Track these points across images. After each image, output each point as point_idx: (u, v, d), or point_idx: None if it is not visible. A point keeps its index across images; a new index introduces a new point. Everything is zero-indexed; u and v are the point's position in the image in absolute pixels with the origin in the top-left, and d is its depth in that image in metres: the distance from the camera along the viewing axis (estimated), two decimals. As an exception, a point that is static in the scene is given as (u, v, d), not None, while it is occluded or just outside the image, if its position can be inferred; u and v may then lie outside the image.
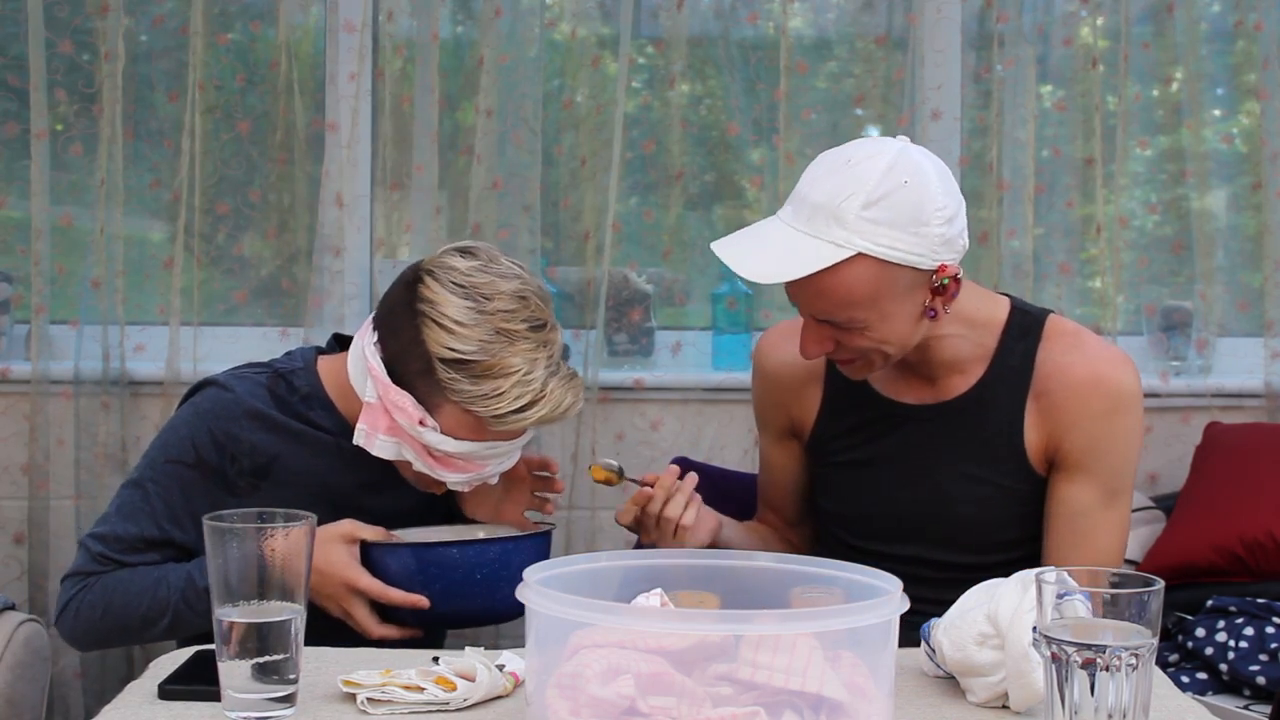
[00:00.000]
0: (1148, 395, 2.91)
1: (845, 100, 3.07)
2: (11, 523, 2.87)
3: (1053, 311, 1.87)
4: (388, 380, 1.75)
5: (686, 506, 1.81)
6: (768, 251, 1.67)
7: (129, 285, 2.89)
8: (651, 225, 3.03)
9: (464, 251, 1.77)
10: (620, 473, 1.82)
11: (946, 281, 1.68)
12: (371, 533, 1.77)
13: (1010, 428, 1.81)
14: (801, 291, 1.69)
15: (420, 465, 1.77)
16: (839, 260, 1.62)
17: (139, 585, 1.81)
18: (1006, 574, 1.79)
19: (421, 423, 1.73)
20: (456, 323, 1.71)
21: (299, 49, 2.93)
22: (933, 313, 1.71)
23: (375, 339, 1.79)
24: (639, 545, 2.38)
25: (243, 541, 1.31)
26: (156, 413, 2.85)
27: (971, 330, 1.81)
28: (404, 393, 1.74)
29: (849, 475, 1.90)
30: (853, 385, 1.90)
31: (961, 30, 2.97)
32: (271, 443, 1.86)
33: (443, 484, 1.84)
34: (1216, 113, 3.07)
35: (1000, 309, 1.84)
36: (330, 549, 1.73)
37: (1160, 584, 1.19)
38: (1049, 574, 1.21)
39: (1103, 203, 2.92)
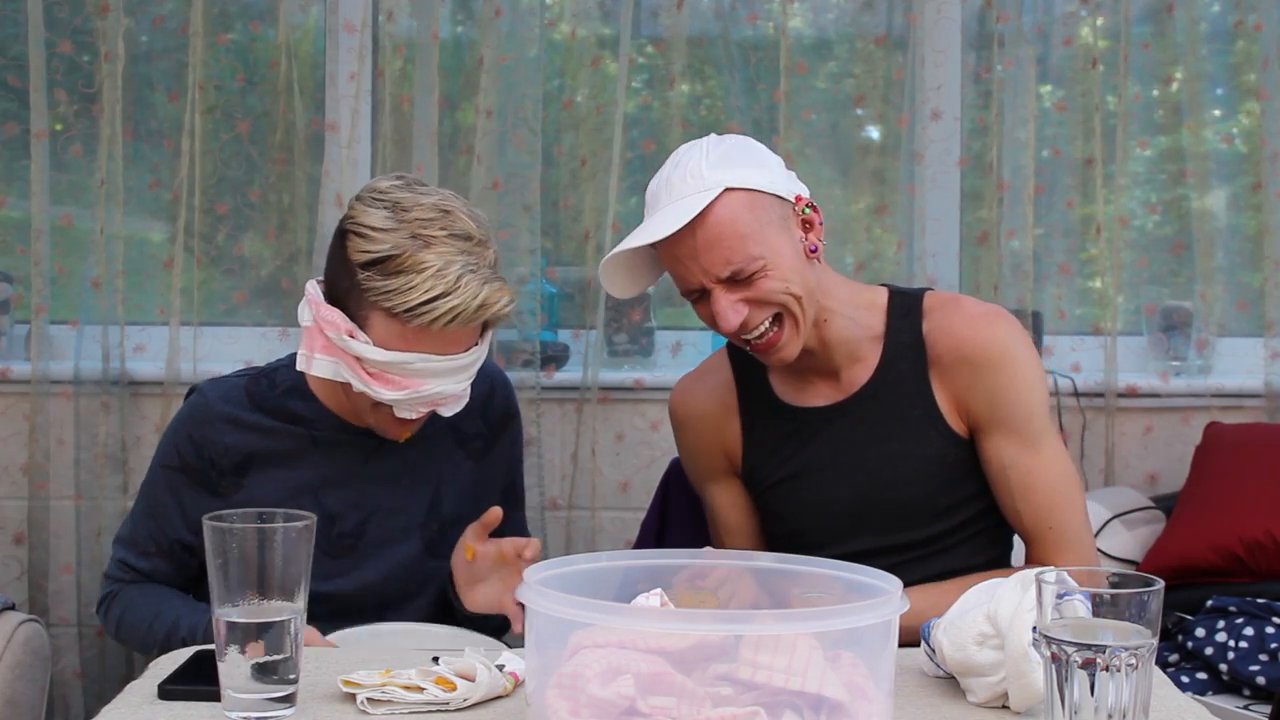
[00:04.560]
0: (1148, 395, 2.95)
1: (845, 100, 3.07)
2: (11, 523, 2.87)
3: (929, 289, 1.94)
4: (320, 299, 1.79)
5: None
6: (651, 229, 1.76)
7: (129, 285, 2.89)
8: (651, 225, 3.03)
9: (394, 177, 1.81)
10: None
11: (808, 211, 1.81)
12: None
13: (921, 398, 1.86)
14: (700, 254, 1.75)
15: (357, 383, 1.76)
16: (711, 199, 1.73)
17: (141, 613, 1.90)
18: (956, 541, 1.88)
19: (351, 335, 1.74)
20: (373, 229, 1.73)
21: (299, 49, 2.93)
22: (814, 248, 1.81)
23: (320, 275, 1.85)
24: (637, 546, 2.38)
25: (243, 541, 1.31)
26: (156, 413, 2.85)
27: (856, 312, 1.88)
28: (334, 309, 1.76)
29: (786, 491, 1.93)
30: (765, 407, 1.95)
31: (961, 30, 2.97)
32: (245, 441, 1.89)
33: (403, 428, 1.83)
34: (1216, 113, 3.07)
35: (879, 294, 1.92)
36: None
37: (1160, 584, 1.18)
38: (1049, 574, 1.21)
39: (1103, 203, 2.92)
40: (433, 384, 1.76)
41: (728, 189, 1.75)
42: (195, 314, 2.91)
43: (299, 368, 1.81)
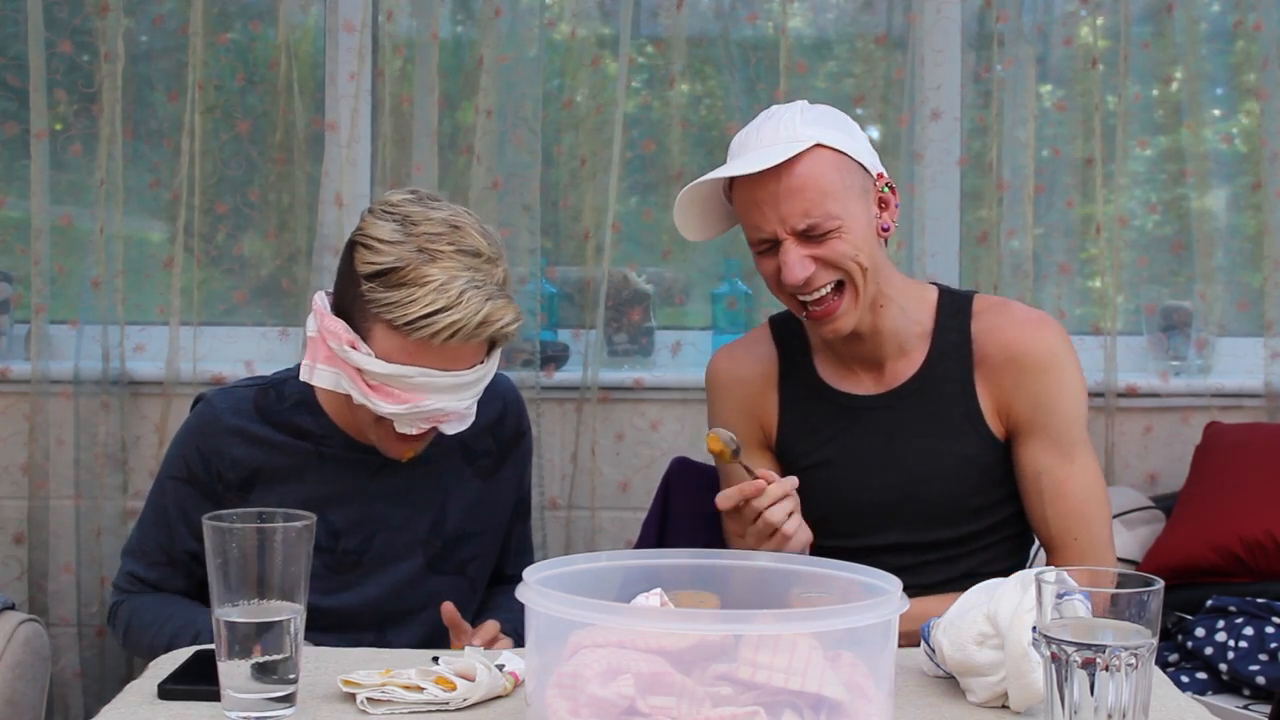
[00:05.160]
0: (1148, 395, 2.95)
1: (845, 100, 3.06)
2: (11, 523, 2.87)
3: (977, 291, 1.97)
4: (325, 309, 1.78)
5: (790, 514, 1.75)
6: (738, 165, 1.78)
7: (129, 285, 2.89)
8: (651, 225, 3.03)
9: (408, 190, 1.80)
10: (736, 452, 1.75)
11: (887, 191, 1.84)
12: None
13: (964, 397, 1.88)
14: (781, 200, 1.76)
15: (358, 395, 1.74)
16: (802, 149, 1.76)
17: (150, 617, 1.89)
18: (981, 545, 1.89)
19: (353, 346, 1.73)
20: (381, 241, 1.72)
21: (299, 49, 2.93)
22: (886, 227, 1.83)
23: (323, 279, 1.82)
24: (638, 546, 2.38)
25: (243, 541, 1.31)
26: (156, 413, 2.85)
27: (908, 304, 1.90)
28: (338, 320, 1.75)
29: (819, 476, 1.93)
30: (805, 386, 1.95)
31: (961, 30, 2.97)
32: (252, 456, 1.88)
33: (405, 447, 1.81)
34: (1216, 113, 3.07)
35: (929, 291, 1.94)
36: None
37: (1160, 584, 1.18)
38: (1049, 574, 1.21)
39: (1103, 202, 2.92)
40: (434, 400, 1.74)
41: (819, 144, 1.77)
42: (195, 314, 2.91)
43: (301, 378, 1.79)
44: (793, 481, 1.75)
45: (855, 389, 1.93)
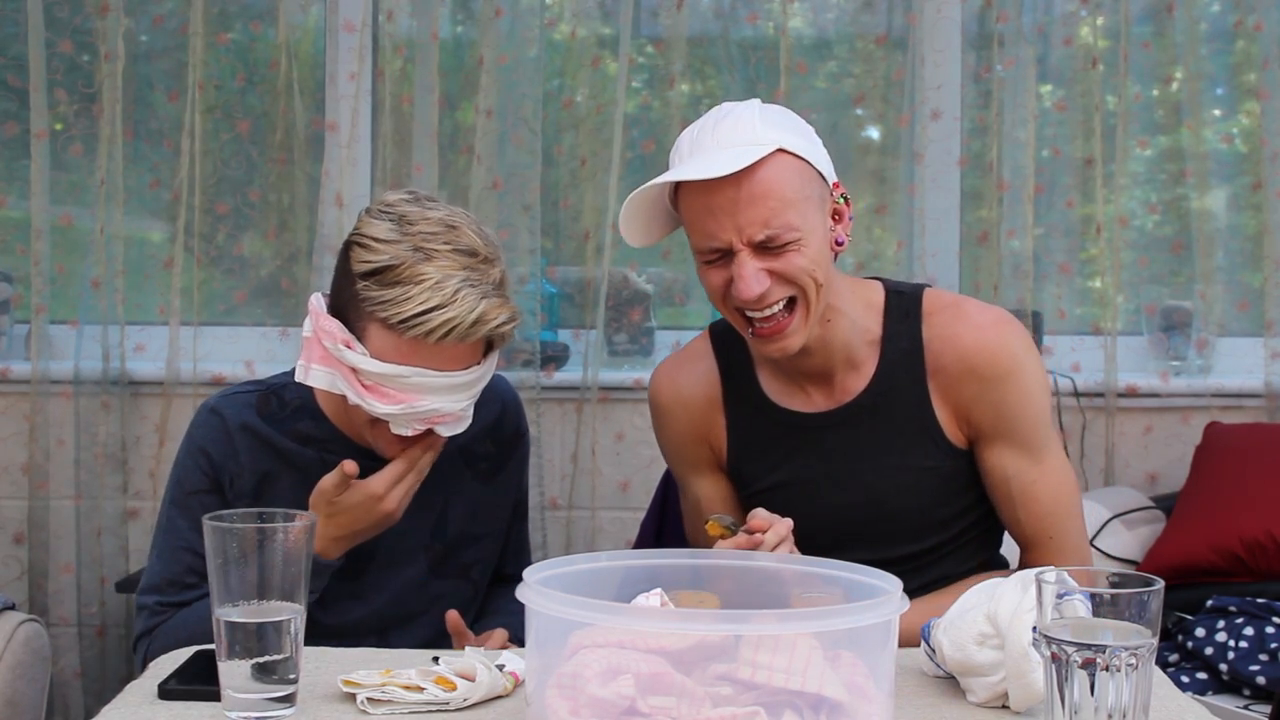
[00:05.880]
0: (1148, 395, 2.95)
1: (845, 100, 3.07)
2: (11, 523, 2.87)
3: (927, 286, 1.85)
4: (322, 310, 1.77)
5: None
6: (695, 168, 1.65)
7: (129, 285, 2.89)
8: (651, 225, 3.03)
9: (405, 191, 1.79)
10: (733, 527, 1.70)
11: (841, 202, 1.72)
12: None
13: (919, 410, 1.79)
14: (740, 208, 1.63)
15: (353, 395, 1.72)
16: (763, 155, 1.62)
17: (193, 618, 1.80)
18: (949, 551, 1.83)
19: (347, 345, 1.71)
20: (376, 239, 1.71)
21: (299, 49, 2.93)
22: (840, 241, 1.71)
23: (324, 281, 1.81)
24: (636, 545, 2.38)
25: (243, 541, 1.31)
26: (156, 413, 2.85)
27: (856, 314, 1.78)
28: (333, 319, 1.74)
29: (775, 499, 1.82)
30: (751, 404, 1.86)
31: (961, 30, 2.97)
32: (260, 461, 1.86)
33: (401, 448, 1.79)
34: (1216, 113, 3.07)
35: (875, 292, 1.82)
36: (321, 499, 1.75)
37: (1160, 584, 1.18)
38: (1049, 574, 1.21)
39: (1103, 202, 2.92)
40: (429, 400, 1.72)
41: (781, 149, 1.64)
42: (195, 314, 2.91)
43: (296, 378, 1.78)
44: (787, 524, 1.67)
45: (804, 407, 1.83)
